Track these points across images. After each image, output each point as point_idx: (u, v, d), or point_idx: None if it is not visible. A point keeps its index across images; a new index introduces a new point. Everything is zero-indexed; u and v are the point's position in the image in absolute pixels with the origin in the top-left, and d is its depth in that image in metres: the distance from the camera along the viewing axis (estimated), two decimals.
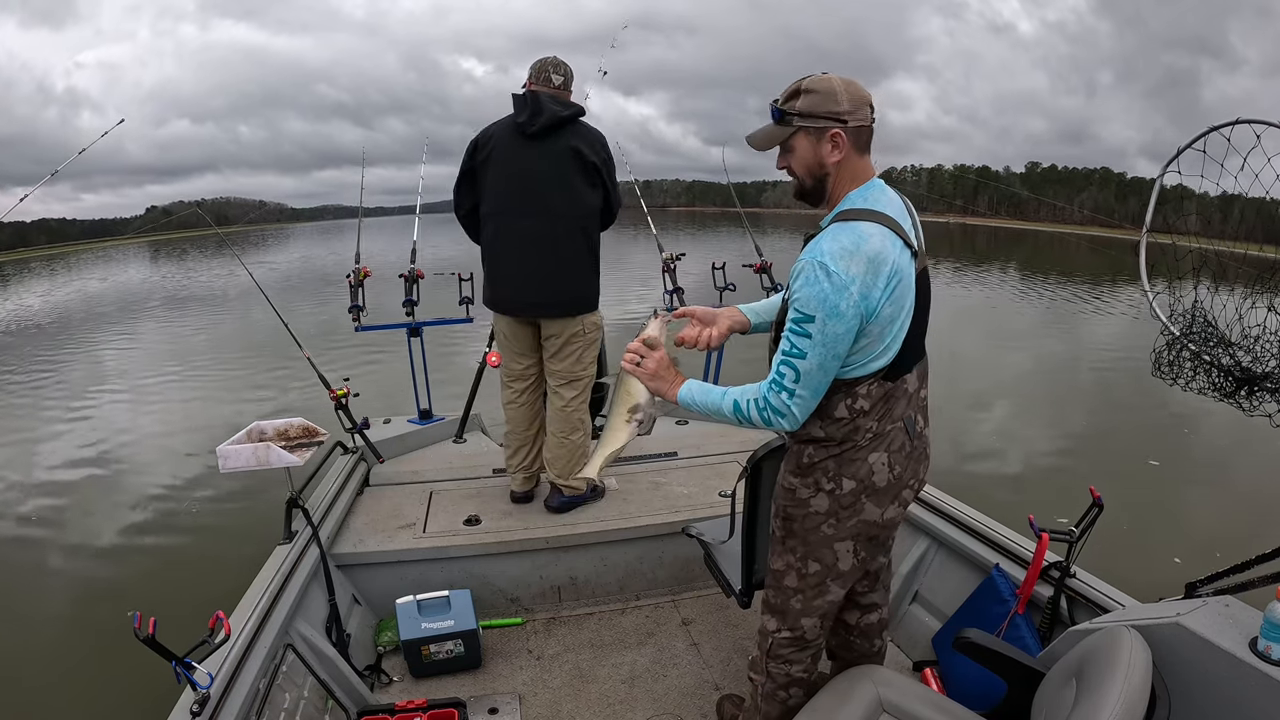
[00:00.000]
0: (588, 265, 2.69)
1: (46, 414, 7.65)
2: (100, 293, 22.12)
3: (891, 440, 1.47)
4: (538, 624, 2.60)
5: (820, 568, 1.57)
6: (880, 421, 1.45)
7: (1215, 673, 1.30)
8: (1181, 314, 1.91)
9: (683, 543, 2.61)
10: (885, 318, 1.36)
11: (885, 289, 1.33)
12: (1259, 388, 1.69)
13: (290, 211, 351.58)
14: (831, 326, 1.31)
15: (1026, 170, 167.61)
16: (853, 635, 1.83)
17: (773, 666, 1.70)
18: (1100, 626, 1.49)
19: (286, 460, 2.30)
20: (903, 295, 1.37)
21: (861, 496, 1.49)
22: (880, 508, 1.50)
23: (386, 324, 3.51)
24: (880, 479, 1.48)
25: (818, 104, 1.38)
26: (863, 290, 1.30)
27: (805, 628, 1.65)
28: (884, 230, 1.34)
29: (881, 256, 1.32)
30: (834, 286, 1.29)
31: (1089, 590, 1.86)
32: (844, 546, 1.54)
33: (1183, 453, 5.89)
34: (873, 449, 1.46)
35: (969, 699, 1.61)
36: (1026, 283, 19.75)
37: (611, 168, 2.69)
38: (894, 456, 1.48)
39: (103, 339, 12.57)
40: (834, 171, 1.41)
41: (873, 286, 1.31)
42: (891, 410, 1.46)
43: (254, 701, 1.67)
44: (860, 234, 1.32)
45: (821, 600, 1.61)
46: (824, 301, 1.29)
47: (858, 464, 1.47)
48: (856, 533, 1.53)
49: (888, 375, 1.43)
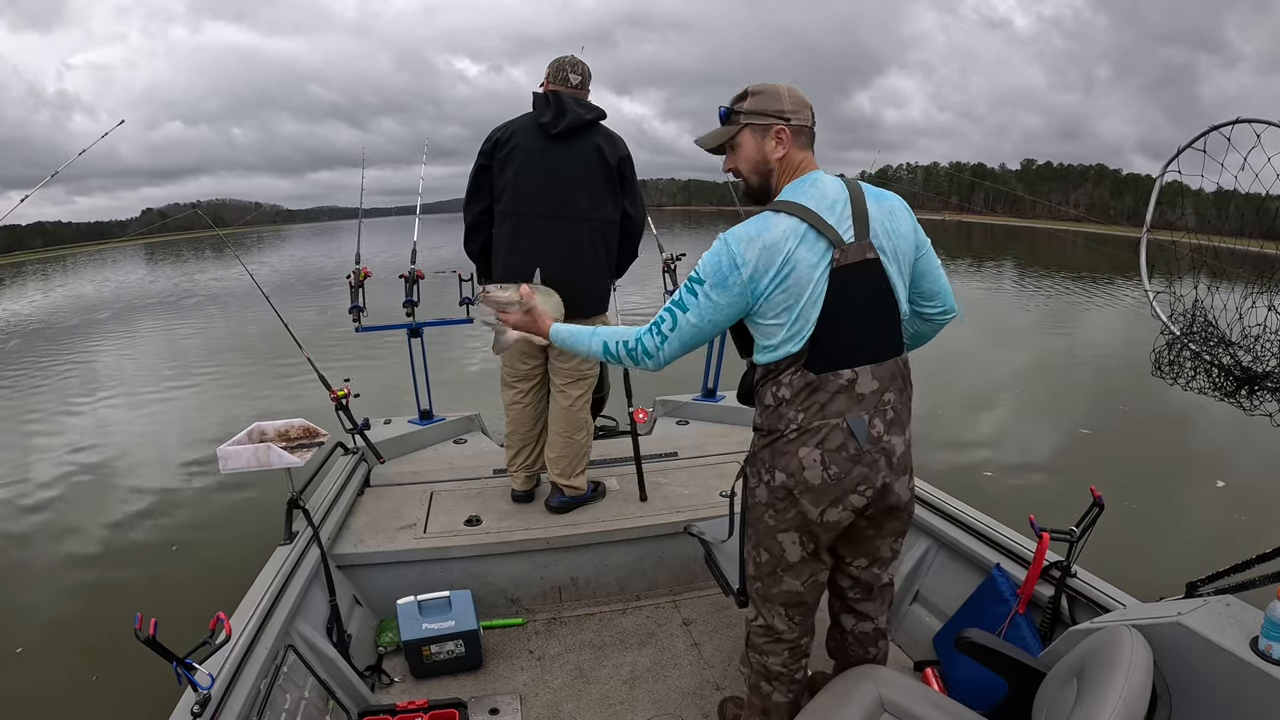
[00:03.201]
0: (605, 268, 2.70)
1: (46, 415, 7.65)
2: (98, 295, 22.11)
3: (826, 438, 1.46)
4: (538, 624, 2.60)
5: (769, 557, 1.62)
6: (806, 414, 1.47)
7: (1216, 672, 1.30)
8: (1182, 313, 1.91)
9: (684, 543, 2.61)
10: (778, 303, 1.44)
11: (775, 277, 1.42)
12: (1259, 387, 1.69)
13: (286, 213, 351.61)
14: (716, 296, 1.45)
15: (1022, 167, 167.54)
16: (848, 641, 1.83)
17: (752, 656, 1.76)
18: (1101, 626, 1.49)
19: (287, 461, 2.30)
20: (799, 285, 1.42)
21: (794, 492, 1.50)
22: (817, 506, 1.49)
23: (387, 325, 3.51)
24: (812, 476, 1.47)
25: (763, 104, 1.51)
26: (752, 274, 1.42)
27: (774, 615, 1.67)
28: (791, 221, 1.43)
29: (776, 247, 1.42)
30: (728, 262, 1.43)
31: (1090, 590, 1.86)
32: (788, 538, 1.57)
33: (1183, 451, 5.89)
34: (801, 443, 1.48)
35: (970, 699, 1.61)
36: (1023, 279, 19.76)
37: (632, 172, 2.70)
38: (830, 455, 1.46)
39: (101, 340, 12.57)
40: (777, 167, 1.52)
41: (763, 274, 1.42)
42: (824, 406, 1.46)
43: (255, 702, 1.67)
44: (766, 223, 1.44)
45: (778, 590, 1.64)
46: (716, 270, 1.45)
47: (788, 456, 1.50)
48: (798, 525, 1.54)
49: (810, 365, 1.45)
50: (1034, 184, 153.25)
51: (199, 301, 17.69)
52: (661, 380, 2.87)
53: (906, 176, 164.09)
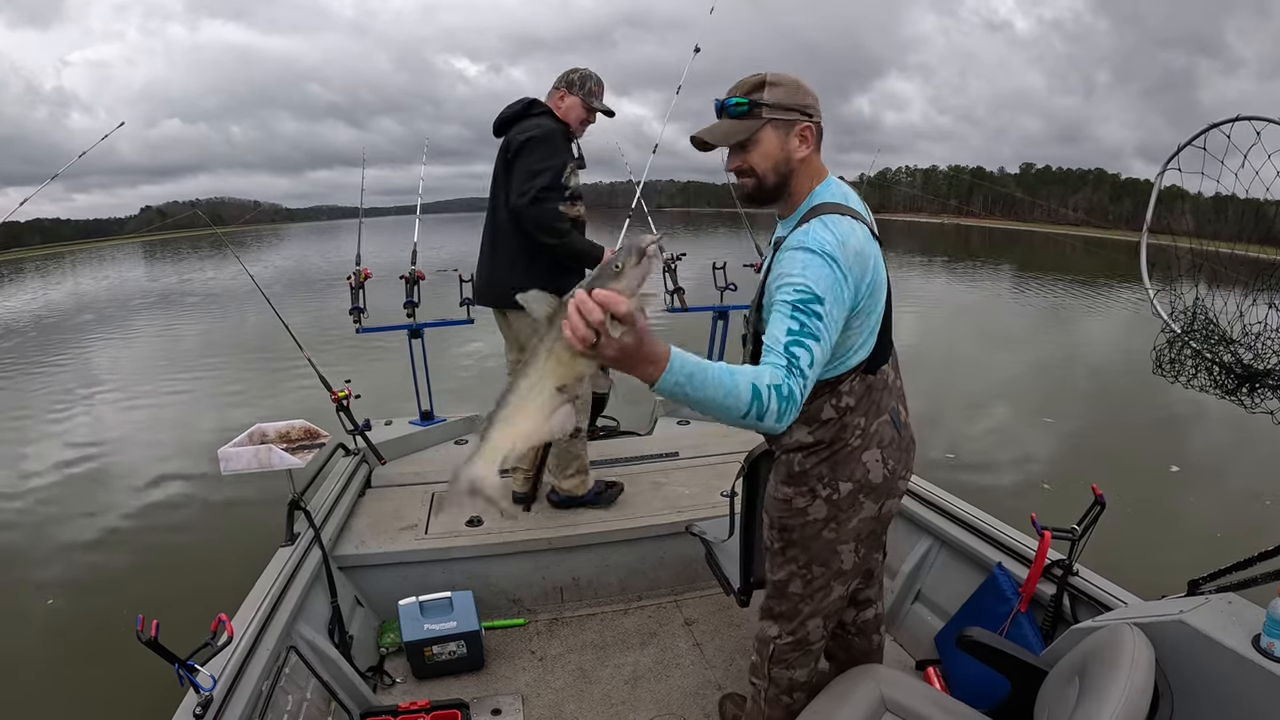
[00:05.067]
0: (526, 259, 2.61)
1: (45, 415, 7.64)
2: (96, 293, 22.11)
3: (881, 436, 1.48)
4: (540, 625, 2.60)
5: (824, 570, 1.57)
6: (868, 418, 1.46)
7: (1218, 670, 1.30)
8: (1183, 311, 1.91)
9: (685, 543, 2.61)
10: (864, 311, 1.35)
11: (868, 283, 1.32)
12: (1260, 385, 1.69)
13: (285, 212, 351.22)
14: (834, 314, 1.24)
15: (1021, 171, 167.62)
16: (850, 634, 1.83)
17: (775, 671, 1.69)
18: (1103, 624, 1.49)
19: (288, 462, 2.30)
20: (879, 289, 1.37)
21: (859, 496, 1.48)
22: (877, 503, 1.51)
23: (388, 325, 3.51)
24: (875, 475, 1.48)
25: (787, 96, 1.35)
26: (855, 283, 1.29)
27: (809, 629, 1.65)
28: (861, 226, 1.33)
29: (866, 251, 1.31)
30: (838, 275, 1.25)
31: (1091, 588, 1.86)
32: (846, 548, 1.55)
33: (1183, 450, 5.88)
34: (865, 447, 1.47)
35: (972, 697, 1.61)
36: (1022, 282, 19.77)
37: (525, 152, 2.53)
38: (886, 452, 1.48)
39: (100, 341, 12.56)
40: (799, 168, 1.39)
41: (861, 280, 1.30)
42: (877, 404, 1.46)
43: (257, 704, 1.67)
44: (846, 229, 1.30)
45: (827, 602, 1.62)
46: (833, 286, 1.24)
47: (852, 465, 1.46)
48: (858, 532, 1.53)
49: (867, 369, 1.44)
50: (1033, 188, 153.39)
51: (198, 301, 17.68)
52: None
53: (906, 179, 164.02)
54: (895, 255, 26.67)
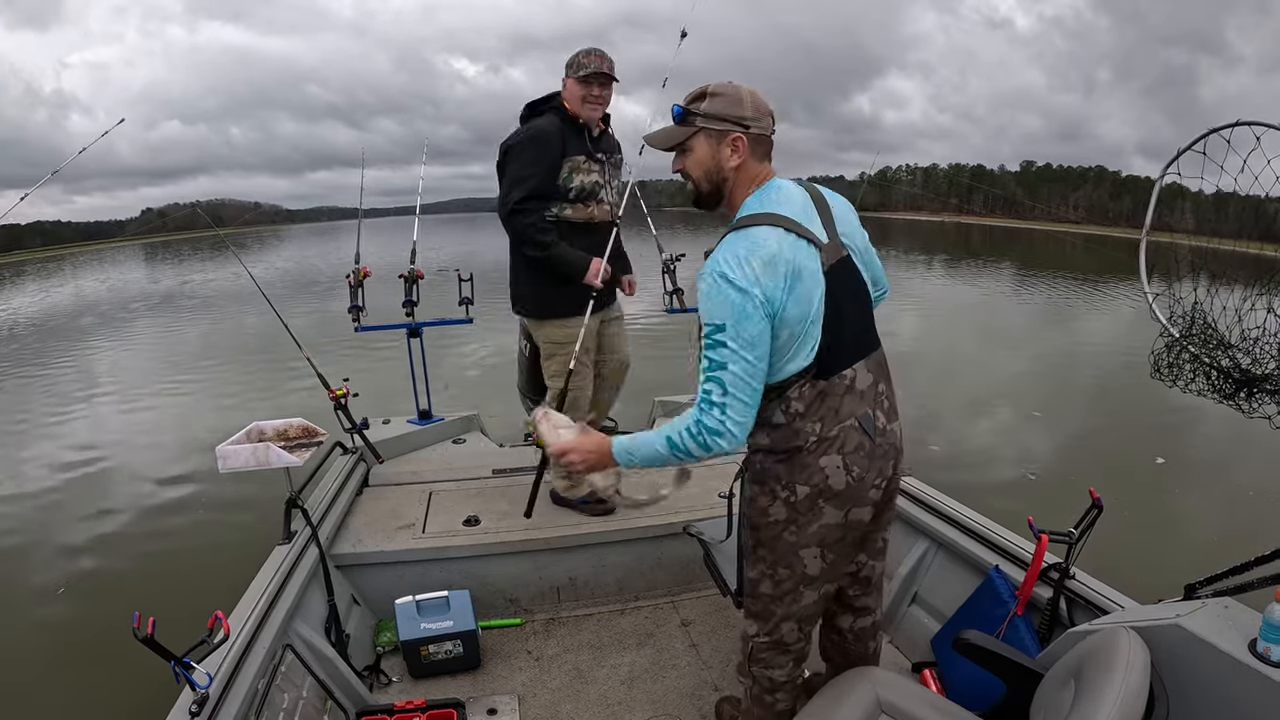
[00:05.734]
0: (524, 270, 2.63)
1: (46, 417, 7.64)
2: (97, 296, 22.10)
3: (844, 442, 1.45)
4: (537, 625, 2.60)
5: (790, 574, 1.57)
6: (823, 423, 1.44)
7: (1214, 674, 1.30)
8: (1181, 315, 1.91)
9: (682, 544, 2.61)
10: (794, 318, 1.36)
11: (785, 288, 1.34)
12: (1258, 390, 1.69)
13: (285, 213, 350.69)
14: (744, 330, 1.32)
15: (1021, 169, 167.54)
16: (846, 640, 1.83)
17: (756, 670, 1.72)
18: (1099, 628, 1.49)
19: (286, 460, 2.30)
20: (808, 292, 1.37)
21: (819, 501, 1.48)
22: (841, 509, 1.49)
23: (386, 324, 3.51)
24: (836, 482, 1.46)
25: (722, 107, 1.41)
26: (766, 292, 1.32)
27: (784, 632, 1.65)
28: (779, 231, 1.36)
29: (778, 257, 1.34)
30: (737, 291, 1.31)
31: (1088, 592, 1.86)
32: (810, 553, 1.54)
33: (1182, 453, 5.89)
34: (823, 453, 1.45)
35: (968, 700, 1.61)
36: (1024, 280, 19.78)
37: (505, 161, 2.52)
38: (850, 458, 1.46)
39: (98, 341, 12.55)
40: (732, 176, 1.45)
41: (774, 288, 1.33)
42: (837, 410, 1.45)
43: (253, 702, 1.67)
44: (754, 239, 1.35)
45: (798, 606, 1.62)
46: (731, 307, 1.32)
47: (809, 470, 1.46)
48: (821, 538, 1.52)
49: (819, 374, 1.43)
50: (1033, 186, 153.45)
51: (199, 303, 17.66)
52: (660, 382, 2.87)
53: (906, 178, 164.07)
54: (896, 254, 26.68)
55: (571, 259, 2.54)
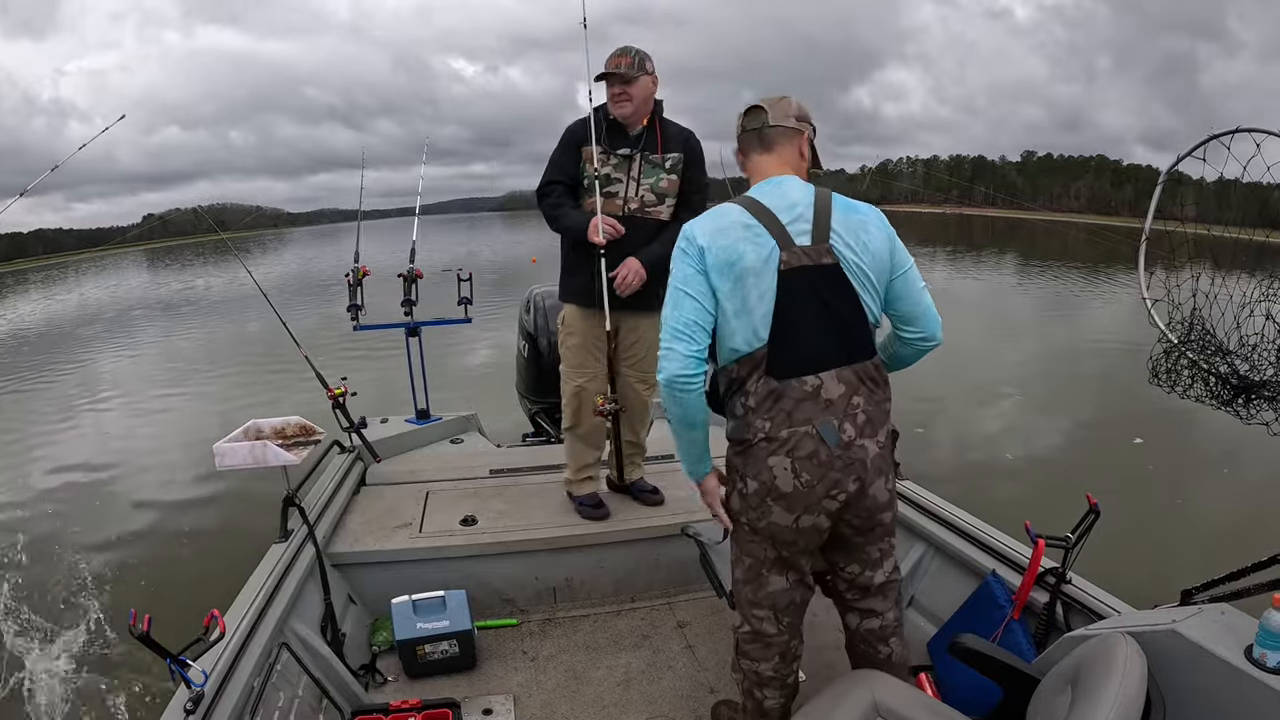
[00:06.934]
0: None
1: (43, 415, 7.65)
2: (98, 300, 22.11)
3: (795, 446, 1.47)
4: (533, 625, 2.60)
5: (752, 561, 1.64)
6: (773, 422, 1.47)
7: (1211, 680, 1.30)
8: (1180, 321, 1.91)
9: (679, 545, 2.61)
10: (727, 293, 1.48)
11: (725, 261, 1.48)
12: (1256, 395, 1.69)
13: (287, 216, 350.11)
14: (679, 267, 1.52)
15: (1022, 159, 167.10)
16: (856, 640, 1.82)
17: (743, 663, 1.75)
18: (1096, 633, 1.49)
19: (283, 459, 2.29)
20: (745, 276, 1.47)
21: (767, 499, 1.52)
22: (791, 513, 1.51)
23: (385, 323, 3.51)
24: (784, 484, 1.48)
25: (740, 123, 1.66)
26: (704, 251, 1.49)
27: (761, 621, 1.68)
28: (740, 212, 1.52)
29: (726, 231, 1.50)
30: (684, 241, 1.54)
31: (1085, 597, 1.86)
32: (766, 545, 1.59)
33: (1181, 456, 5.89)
34: (771, 452, 1.48)
35: (964, 704, 1.61)
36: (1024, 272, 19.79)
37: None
38: (800, 463, 1.47)
39: (99, 344, 12.57)
40: (749, 178, 1.65)
41: (716, 255, 1.48)
42: (790, 413, 1.47)
43: (248, 700, 1.66)
44: (718, 212, 1.56)
45: (765, 592, 1.65)
46: (677, 252, 1.54)
47: (759, 465, 1.51)
48: (772, 535, 1.56)
49: (771, 372, 1.47)
50: (1034, 176, 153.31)
51: (200, 307, 17.67)
52: None
53: (907, 170, 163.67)
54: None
55: (573, 221, 2.56)
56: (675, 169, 2.53)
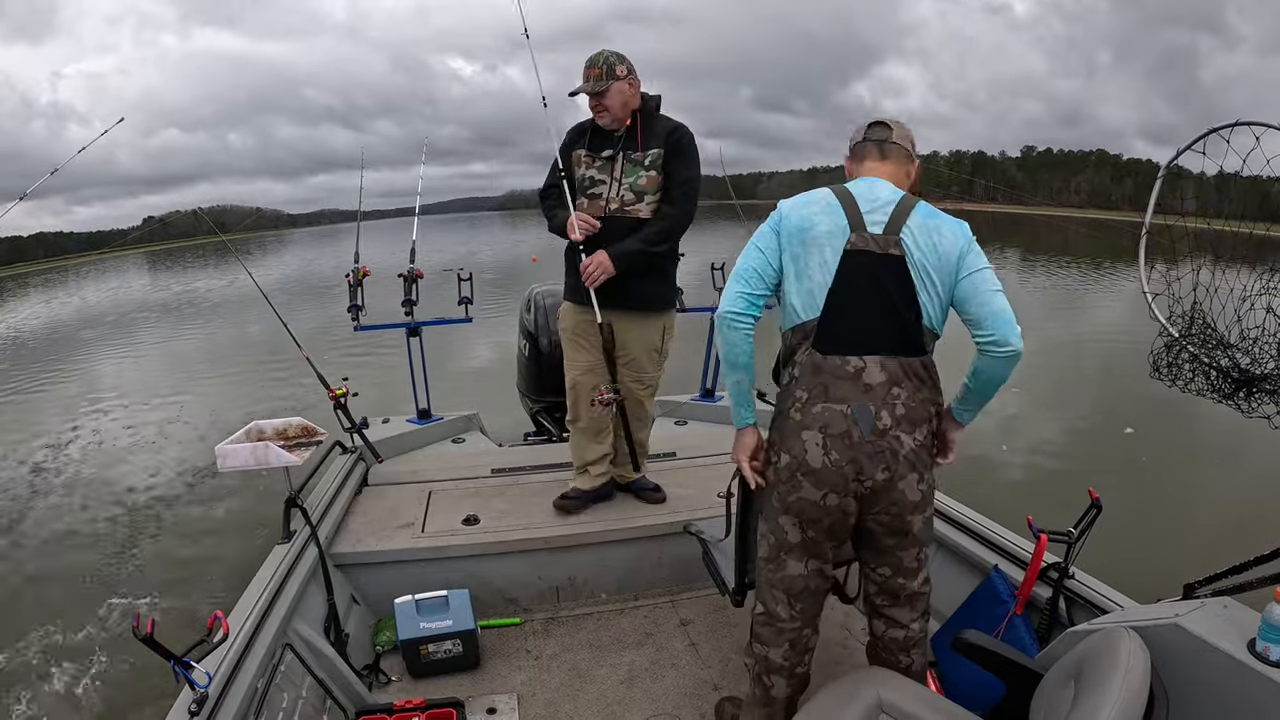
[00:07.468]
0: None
1: (45, 419, 7.65)
2: (99, 303, 22.11)
3: (828, 423, 1.51)
4: (536, 624, 2.60)
5: (775, 539, 1.66)
6: (810, 393, 1.53)
7: (1214, 674, 1.30)
8: (1181, 315, 1.91)
9: (682, 543, 2.61)
10: (794, 255, 1.58)
11: (797, 227, 1.57)
12: (1257, 389, 1.69)
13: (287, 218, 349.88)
14: (760, 229, 1.64)
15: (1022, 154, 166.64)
16: (879, 647, 1.81)
17: (755, 647, 1.77)
18: (1099, 628, 1.49)
19: (285, 460, 2.30)
20: (810, 244, 1.56)
21: (797, 474, 1.55)
22: (819, 489, 1.53)
23: (386, 324, 3.51)
24: (813, 459, 1.52)
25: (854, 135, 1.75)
26: (782, 211, 1.62)
27: (775, 604, 1.70)
28: (828, 193, 1.61)
29: (809, 203, 1.60)
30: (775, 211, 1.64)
31: (1087, 591, 1.87)
32: (788, 520, 1.62)
33: (1180, 452, 5.89)
34: (805, 425, 1.53)
35: (967, 700, 1.61)
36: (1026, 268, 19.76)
37: None
38: (831, 440, 1.51)
39: (100, 346, 12.57)
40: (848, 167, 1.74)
41: (788, 214, 1.61)
42: (828, 389, 1.52)
43: (252, 701, 1.66)
44: (811, 192, 1.65)
45: (782, 574, 1.67)
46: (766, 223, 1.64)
47: (792, 439, 1.55)
48: (799, 511, 1.59)
49: (818, 345, 1.53)
50: (1034, 171, 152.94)
51: (201, 309, 17.67)
52: (661, 381, 2.87)
53: None
54: None
55: (559, 222, 2.62)
56: (655, 165, 2.52)
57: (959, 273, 1.56)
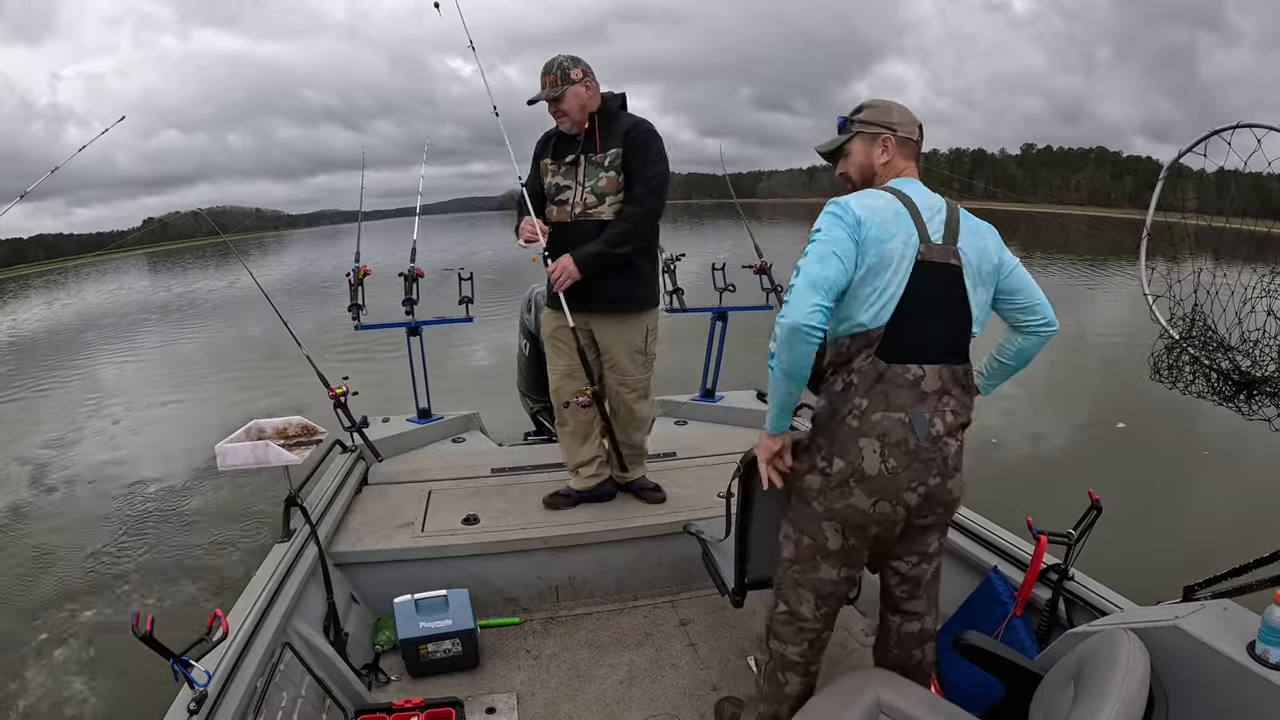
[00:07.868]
0: None
1: (47, 420, 7.66)
2: (100, 305, 22.13)
3: (887, 431, 1.50)
4: (535, 624, 2.60)
5: (811, 542, 1.63)
6: (870, 400, 1.50)
7: (1213, 676, 1.30)
8: (1181, 318, 1.91)
9: (681, 543, 2.61)
10: (868, 266, 1.49)
11: (875, 235, 1.49)
12: (1258, 391, 1.69)
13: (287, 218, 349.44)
14: (831, 230, 1.50)
15: (1022, 152, 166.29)
16: (892, 643, 1.82)
17: (773, 644, 1.76)
18: (1098, 629, 1.49)
19: (285, 459, 2.30)
20: (888, 256, 1.50)
21: (849, 480, 1.53)
22: (870, 497, 1.52)
23: (386, 323, 3.52)
24: (870, 466, 1.50)
25: (874, 115, 1.66)
26: (859, 220, 1.50)
27: (800, 603, 1.69)
28: (891, 198, 1.54)
29: (881, 209, 1.52)
30: (839, 209, 1.52)
31: (1087, 593, 1.87)
32: (830, 526, 1.59)
33: (1181, 453, 5.88)
34: (863, 433, 1.51)
35: (967, 701, 1.61)
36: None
37: None
38: (889, 449, 1.50)
39: (101, 346, 12.58)
40: (880, 171, 1.66)
41: (868, 227, 1.50)
42: (889, 397, 1.50)
43: (251, 700, 1.67)
44: (870, 193, 1.57)
45: (814, 576, 1.65)
46: (829, 217, 1.52)
47: (848, 445, 1.52)
48: (844, 517, 1.56)
49: (881, 353, 1.50)
50: (1034, 169, 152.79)
51: (202, 310, 17.67)
52: (661, 381, 2.87)
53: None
54: None
55: (517, 230, 2.66)
56: (614, 165, 2.52)
57: (1001, 270, 1.64)
